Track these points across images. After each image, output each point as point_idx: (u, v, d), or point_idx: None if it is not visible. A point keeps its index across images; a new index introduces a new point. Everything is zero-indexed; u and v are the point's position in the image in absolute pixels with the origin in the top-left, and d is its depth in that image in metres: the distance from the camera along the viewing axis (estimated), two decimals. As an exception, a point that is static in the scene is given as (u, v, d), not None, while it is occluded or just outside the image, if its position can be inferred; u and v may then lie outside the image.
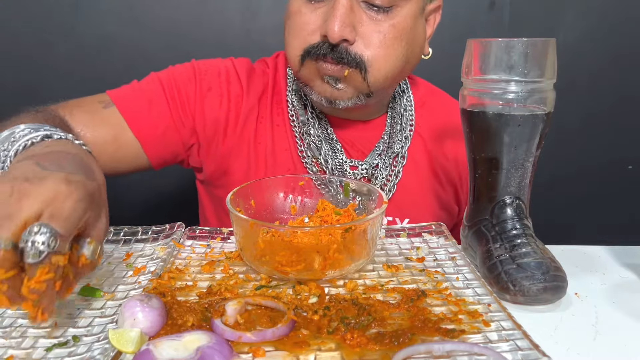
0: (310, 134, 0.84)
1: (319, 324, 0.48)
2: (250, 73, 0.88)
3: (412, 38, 0.77)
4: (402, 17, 0.75)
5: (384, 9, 0.73)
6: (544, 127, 0.59)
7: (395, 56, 0.75)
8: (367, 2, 0.73)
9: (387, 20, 0.74)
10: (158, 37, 1.34)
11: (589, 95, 1.46)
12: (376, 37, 0.73)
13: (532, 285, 0.54)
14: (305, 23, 0.75)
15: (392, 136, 0.87)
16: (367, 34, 0.73)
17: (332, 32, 0.70)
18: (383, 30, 0.74)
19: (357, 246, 0.57)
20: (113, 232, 0.69)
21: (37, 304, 0.43)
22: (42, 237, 0.42)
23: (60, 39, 1.32)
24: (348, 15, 0.71)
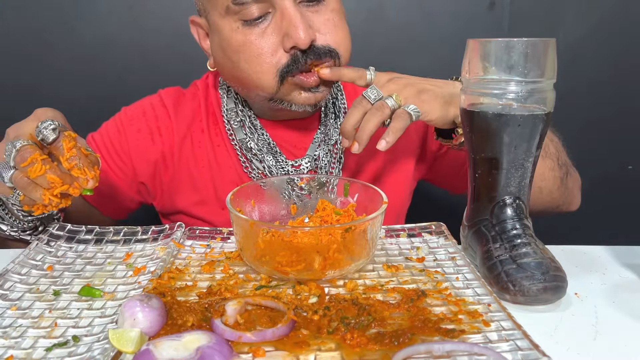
0: (250, 149, 0.84)
1: (319, 324, 0.48)
2: (178, 101, 0.90)
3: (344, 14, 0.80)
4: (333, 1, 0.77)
5: (319, 0, 0.75)
6: (544, 127, 0.59)
7: (348, 33, 0.78)
8: (303, 2, 0.74)
9: (325, 8, 0.76)
10: (158, 37, 1.34)
11: (589, 95, 1.46)
12: (328, 25, 0.75)
13: (532, 285, 0.54)
14: (262, 47, 0.74)
15: (327, 124, 0.87)
16: (320, 26, 0.75)
17: (302, 40, 0.71)
18: (328, 17, 0.76)
19: (357, 246, 0.57)
20: (113, 232, 0.69)
21: (79, 166, 0.56)
22: (47, 123, 0.58)
23: (60, 39, 1.32)
24: (303, 19, 0.72)
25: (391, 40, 1.38)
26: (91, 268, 0.61)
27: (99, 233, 0.69)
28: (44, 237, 0.66)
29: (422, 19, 1.38)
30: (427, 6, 1.38)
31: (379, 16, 1.37)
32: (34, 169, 0.55)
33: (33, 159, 0.55)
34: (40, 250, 0.64)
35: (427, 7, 1.38)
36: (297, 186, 0.74)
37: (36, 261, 0.61)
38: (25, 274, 0.58)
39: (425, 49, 1.38)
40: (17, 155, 0.56)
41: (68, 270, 0.60)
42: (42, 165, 0.55)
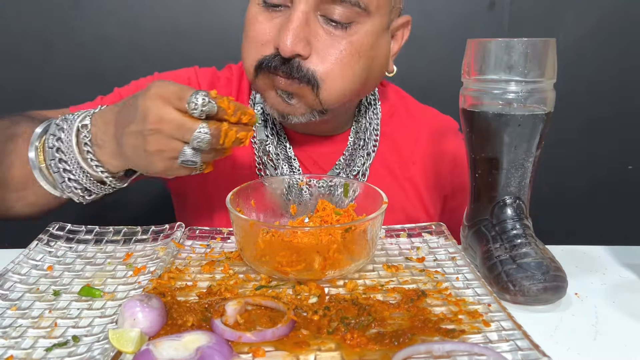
0: (268, 152, 0.82)
1: (319, 324, 0.48)
2: (213, 83, 0.86)
3: (373, 56, 0.73)
4: (361, 34, 0.71)
5: (342, 25, 0.69)
6: (544, 127, 0.59)
7: (351, 74, 0.71)
8: (325, 17, 0.69)
9: (345, 37, 0.70)
10: (158, 37, 1.34)
11: (589, 95, 1.46)
12: (332, 54, 0.70)
13: (532, 285, 0.54)
14: (260, 32, 0.71)
15: (354, 153, 0.84)
16: (323, 49, 0.69)
17: (284, 47, 0.67)
18: (340, 46, 0.70)
19: (357, 246, 0.57)
20: (113, 232, 0.69)
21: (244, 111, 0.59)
22: (201, 99, 0.56)
23: (60, 39, 1.32)
24: (302, 29, 0.68)
25: (391, 40, 1.37)
26: (91, 268, 0.61)
27: (99, 233, 0.69)
28: (44, 237, 0.66)
29: (422, 19, 1.38)
30: (427, 6, 1.38)
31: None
32: (229, 137, 0.58)
33: (224, 131, 0.57)
34: (40, 250, 0.64)
35: (427, 7, 1.38)
36: (297, 186, 0.74)
37: (36, 261, 0.61)
38: (25, 274, 0.58)
39: (425, 49, 1.38)
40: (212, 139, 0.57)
41: (68, 270, 0.60)
42: (231, 131, 0.58)
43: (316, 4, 0.68)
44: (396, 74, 0.83)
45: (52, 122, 0.65)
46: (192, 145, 0.57)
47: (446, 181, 0.89)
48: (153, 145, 0.57)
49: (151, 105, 0.57)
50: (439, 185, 0.89)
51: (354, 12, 0.69)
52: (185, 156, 0.58)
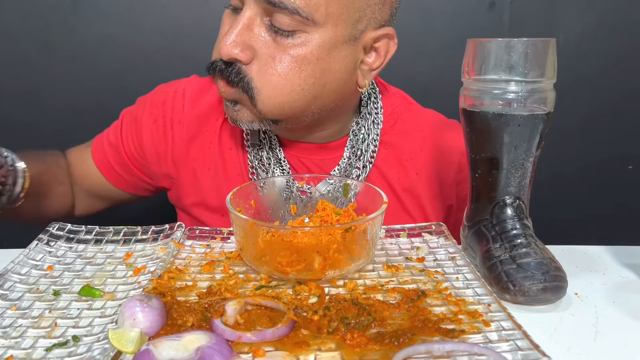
0: (261, 158, 0.81)
1: (319, 324, 0.48)
2: (201, 94, 0.85)
3: (322, 69, 0.68)
4: (309, 45, 0.66)
5: (286, 33, 0.66)
6: (544, 127, 0.59)
7: (290, 87, 0.68)
8: (270, 23, 0.67)
9: (288, 47, 0.66)
10: (158, 37, 1.34)
11: (589, 95, 1.46)
12: (271, 63, 0.67)
13: (532, 285, 0.54)
14: (219, 36, 0.71)
15: (350, 164, 0.81)
16: (264, 57, 0.67)
17: (222, 49, 0.66)
18: (280, 57, 0.67)
19: (357, 246, 0.57)
20: (113, 232, 0.69)
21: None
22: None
23: (60, 39, 1.32)
24: (243, 33, 0.66)
25: (391, 40, 1.37)
26: (91, 268, 0.61)
27: (98, 233, 0.69)
28: (44, 237, 0.66)
29: (421, 19, 1.38)
30: (427, 6, 1.37)
31: (379, 16, 1.37)
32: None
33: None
34: (40, 250, 0.64)
35: (427, 7, 1.38)
36: (297, 186, 0.73)
37: (36, 261, 0.61)
38: (25, 274, 0.58)
39: (425, 49, 1.38)
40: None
41: (68, 270, 0.60)
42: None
43: (262, 10, 0.66)
44: (396, 74, 0.82)
45: None
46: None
47: (452, 191, 0.85)
48: None
49: None
50: (444, 196, 0.85)
51: (297, 21, 0.65)
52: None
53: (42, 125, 1.33)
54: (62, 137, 1.35)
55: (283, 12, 0.64)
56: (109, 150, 0.89)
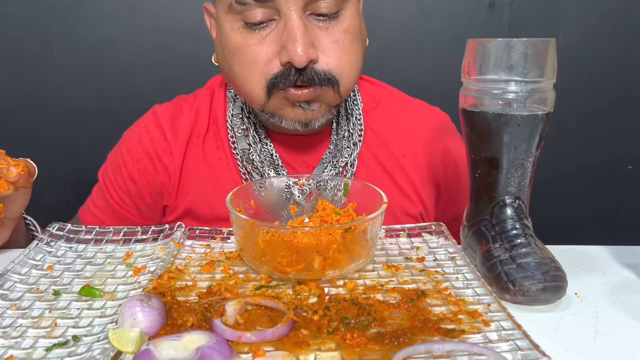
0: (252, 160, 0.81)
1: (319, 324, 0.48)
2: (175, 117, 0.85)
3: (361, 35, 0.75)
4: (350, 18, 0.71)
5: (332, 16, 0.70)
6: (544, 127, 0.59)
7: (356, 59, 0.73)
8: (314, 14, 0.69)
9: (337, 26, 0.70)
10: (158, 38, 1.34)
11: (589, 95, 1.46)
12: (335, 47, 0.70)
13: (532, 285, 0.54)
14: (257, 55, 0.70)
15: (338, 144, 0.83)
16: (325, 46, 0.70)
17: (298, 57, 0.67)
18: (338, 38, 0.70)
19: (357, 246, 0.57)
20: (113, 232, 0.69)
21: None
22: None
23: (60, 39, 1.32)
24: (307, 35, 0.67)
25: (390, 41, 1.38)
26: (91, 268, 0.61)
27: (99, 233, 0.69)
28: (44, 237, 0.66)
29: (421, 19, 1.38)
30: (426, 6, 1.38)
31: (378, 16, 1.37)
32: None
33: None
34: (40, 250, 0.64)
35: (427, 7, 1.38)
36: (297, 186, 0.73)
37: (36, 261, 0.61)
38: (25, 274, 0.59)
39: (424, 49, 1.38)
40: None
41: (68, 270, 0.60)
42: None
43: (304, 6, 0.68)
44: (396, 74, 0.83)
45: None
46: None
47: (439, 171, 0.88)
48: None
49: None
50: (432, 176, 0.88)
51: (338, 1, 0.70)
52: None
53: (42, 126, 1.34)
54: (61, 138, 1.36)
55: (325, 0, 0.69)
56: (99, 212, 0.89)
